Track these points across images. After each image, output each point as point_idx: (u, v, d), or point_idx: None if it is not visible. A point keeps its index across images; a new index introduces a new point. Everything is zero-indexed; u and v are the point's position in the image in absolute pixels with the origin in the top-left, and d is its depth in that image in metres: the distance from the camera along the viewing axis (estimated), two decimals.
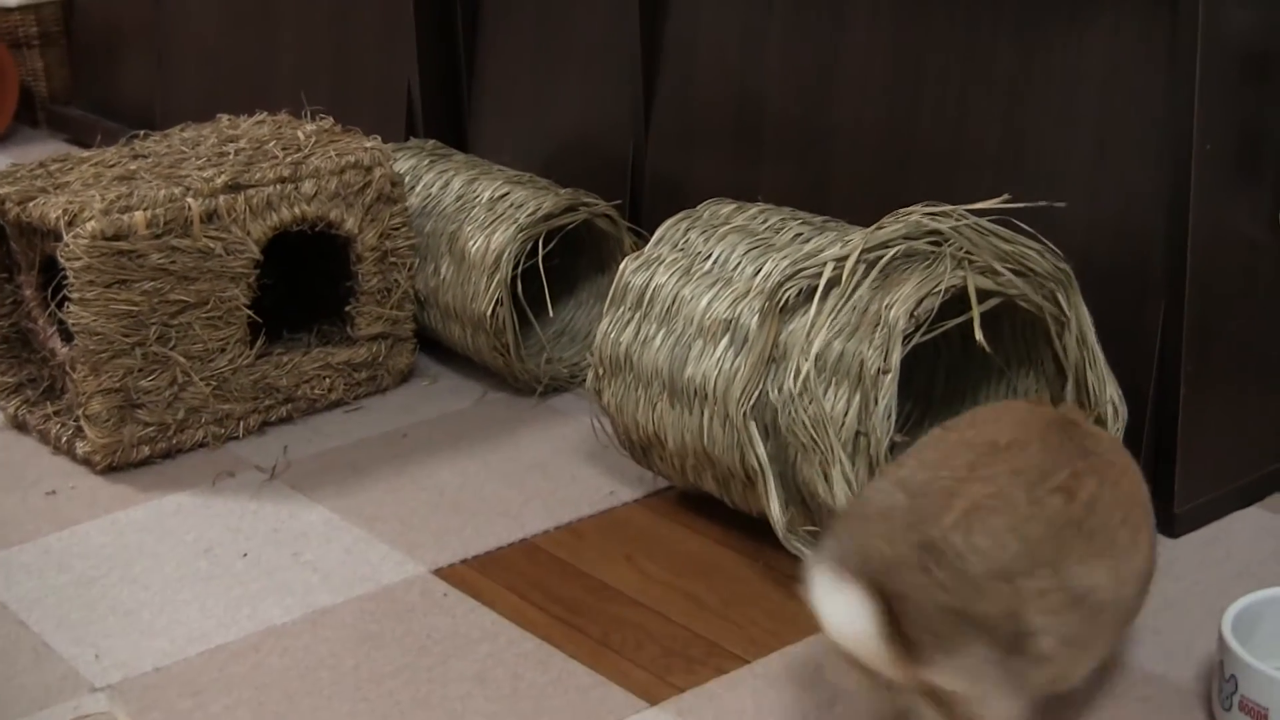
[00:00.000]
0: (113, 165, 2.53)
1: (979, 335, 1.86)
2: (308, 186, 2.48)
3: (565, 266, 2.70)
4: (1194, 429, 2.09)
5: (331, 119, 2.71)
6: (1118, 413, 2.00)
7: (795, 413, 1.89)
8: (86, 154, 2.61)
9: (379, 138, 2.62)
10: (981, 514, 1.54)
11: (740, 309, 2.03)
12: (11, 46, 4.28)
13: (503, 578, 2.07)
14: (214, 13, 3.68)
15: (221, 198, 2.40)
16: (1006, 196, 1.99)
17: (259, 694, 1.84)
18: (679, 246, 2.17)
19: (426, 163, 2.80)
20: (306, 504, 2.29)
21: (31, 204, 2.37)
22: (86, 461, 2.40)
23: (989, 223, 1.96)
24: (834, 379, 1.89)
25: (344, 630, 1.97)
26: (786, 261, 2.01)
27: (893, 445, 1.87)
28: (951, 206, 1.97)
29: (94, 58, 4.21)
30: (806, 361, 1.89)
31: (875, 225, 1.96)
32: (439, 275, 2.62)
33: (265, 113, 2.79)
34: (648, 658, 1.89)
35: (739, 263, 2.09)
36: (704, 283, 2.09)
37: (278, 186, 2.45)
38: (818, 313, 1.92)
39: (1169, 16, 2.00)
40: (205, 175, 2.42)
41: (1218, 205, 2.05)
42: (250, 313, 2.46)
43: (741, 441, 1.96)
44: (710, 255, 2.13)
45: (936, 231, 1.93)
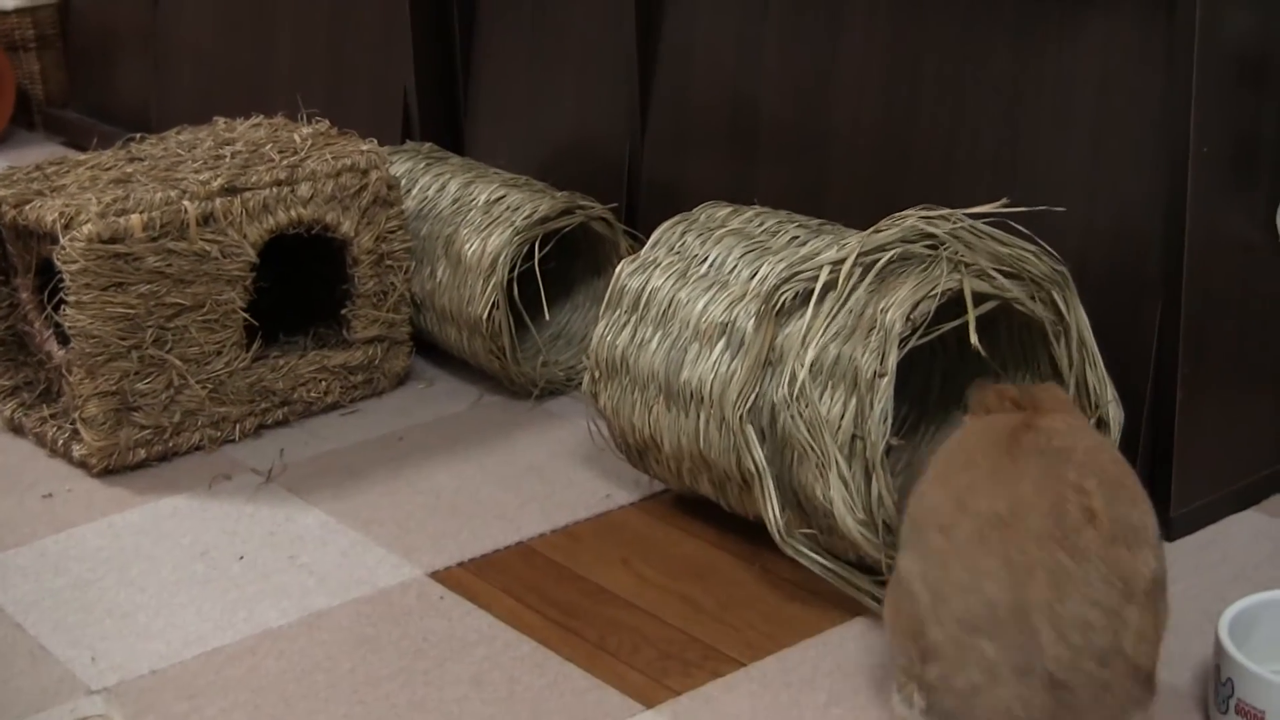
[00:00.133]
0: (109, 168, 2.52)
1: (974, 338, 1.86)
2: (304, 189, 2.47)
3: (561, 269, 2.70)
4: (1191, 432, 2.09)
5: (328, 122, 2.71)
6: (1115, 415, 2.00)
7: (791, 416, 1.88)
8: (83, 157, 2.60)
9: (375, 141, 2.62)
10: (1064, 620, 1.51)
11: (736, 312, 2.03)
12: (8, 49, 4.27)
13: (499, 581, 2.07)
14: (210, 16, 3.68)
15: (218, 200, 2.40)
16: (1004, 200, 1.99)
17: (255, 696, 1.84)
18: (675, 249, 2.17)
19: (423, 165, 2.80)
20: (303, 507, 2.29)
21: (28, 207, 2.37)
22: (83, 464, 2.40)
23: (986, 226, 1.96)
24: (830, 382, 1.89)
25: (340, 633, 1.96)
26: (783, 265, 2.01)
27: (889, 448, 1.87)
28: (948, 210, 1.97)
29: (90, 61, 4.21)
30: (802, 365, 1.89)
31: (872, 228, 1.96)
32: (435, 278, 2.62)
33: (261, 116, 2.79)
34: (644, 661, 1.88)
35: (735, 266, 2.09)
36: (700, 286, 2.09)
37: (274, 189, 2.45)
38: (814, 316, 1.92)
39: (1166, 19, 2.00)
40: (201, 178, 2.42)
41: (1214, 208, 2.05)
42: (246, 316, 2.46)
43: (738, 445, 1.95)
44: (706, 258, 2.13)
45: (933, 235, 1.93)
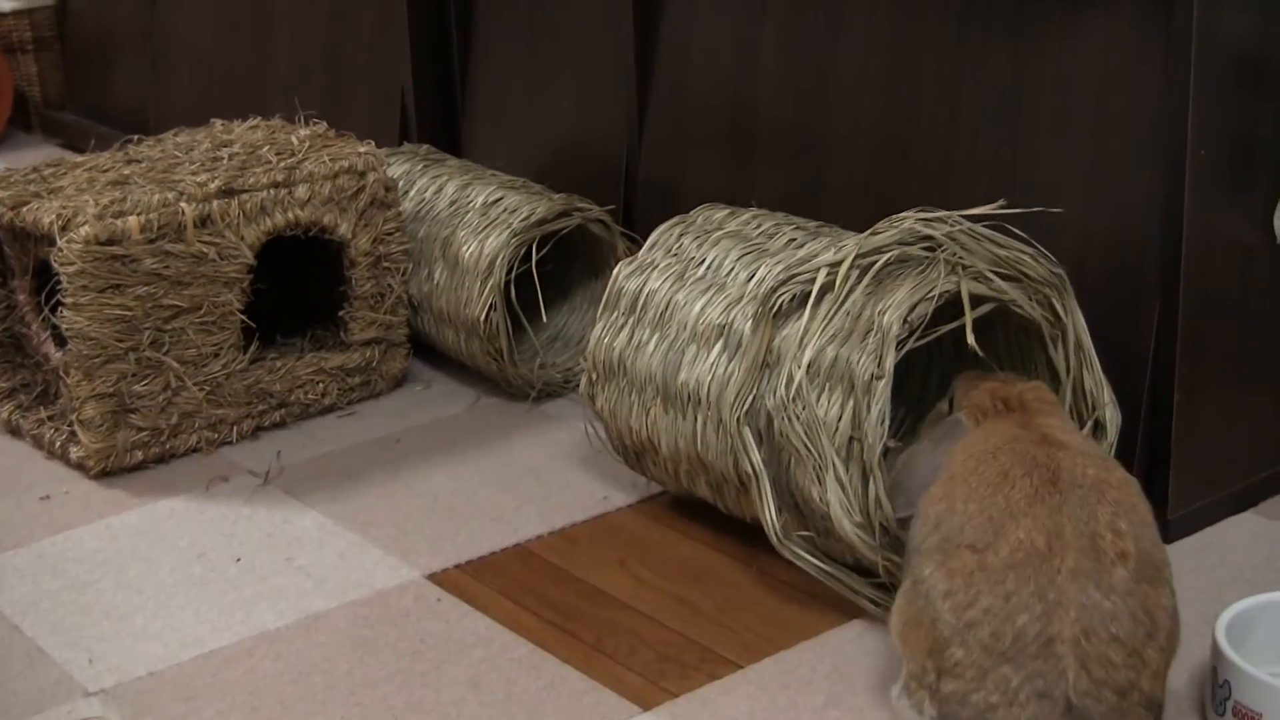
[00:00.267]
0: (106, 170, 2.52)
1: (972, 340, 1.86)
2: (301, 191, 2.47)
3: (559, 272, 2.70)
4: (1188, 434, 2.09)
5: (325, 124, 2.71)
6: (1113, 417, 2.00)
7: (789, 418, 1.88)
8: (80, 159, 2.60)
9: (373, 142, 2.62)
10: (1090, 657, 1.52)
11: (734, 314, 2.03)
12: (5, 51, 4.27)
13: (496, 583, 2.07)
14: (208, 17, 3.67)
15: (215, 202, 2.40)
16: (1002, 202, 1.99)
17: (252, 699, 1.84)
18: (672, 252, 2.17)
19: (420, 167, 2.80)
20: (300, 509, 2.28)
21: (25, 209, 2.36)
22: (80, 466, 2.40)
23: (983, 228, 1.96)
24: (827, 384, 1.89)
25: (338, 635, 1.96)
26: (780, 267, 2.01)
27: (886, 450, 1.87)
28: (946, 212, 1.97)
29: (88, 63, 4.20)
30: (799, 367, 1.89)
31: (869, 231, 1.96)
32: (433, 280, 2.62)
33: (259, 117, 2.79)
34: (641, 663, 1.88)
35: (732, 268, 2.09)
36: (697, 288, 2.09)
37: (271, 191, 2.45)
38: (811, 318, 1.92)
39: (1164, 21, 2.00)
40: (199, 180, 2.42)
41: (1212, 210, 2.05)
42: (244, 318, 2.46)
43: (735, 447, 1.95)
44: (704, 260, 2.13)
45: (930, 237, 1.93)
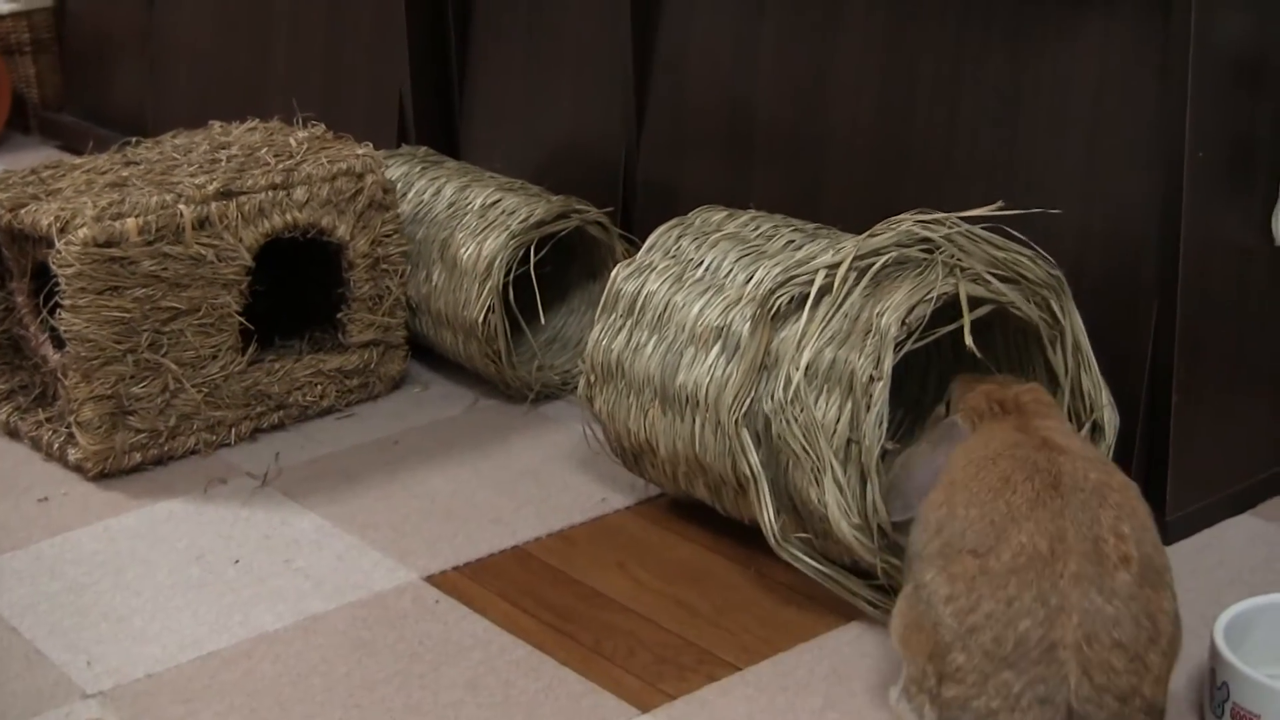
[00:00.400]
0: (105, 172, 2.52)
1: (969, 342, 1.86)
2: (299, 193, 2.47)
3: (557, 273, 2.70)
4: (1186, 436, 2.09)
5: (323, 126, 2.71)
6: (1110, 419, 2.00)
7: (787, 420, 1.88)
8: (78, 161, 2.60)
9: (371, 144, 2.62)
10: (1093, 663, 1.53)
11: (732, 316, 2.03)
12: (3, 53, 4.27)
13: (494, 585, 2.07)
14: (206, 19, 3.67)
15: (213, 204, 2.40)
16: (999, 204, 1.99)
17: (251, 701, 1.84)
18: (671, 253, 2.17)
19: (418, 169, 2.80)
20: (298, 511, 2.28)
21: (23, 211, 2.36)
22: (78, 468, 2.40)
23: (981, 230, 1.96)
24: (825, 386, 1.89)
25: (336, 637, 1.96)
26: (778, 269, 2.01)
27: (884, 452, 1.87)
28: (944, 214, 1.97)
29: (86, 64, 4.20)
30: (797, 369, 1.89)
31: (867, 232, 1.96)
32: (431, 282, 2.62)
33: (257, 119, 2.79)
34: (639, 665, 1.88)
35: (731, 270, 2.09)
36: (695, 290, 2.09)
37: (269, 193, 2.45)
38: (809, 320, 1.92)
39: (1161, 23, 2.00)
40: (197, 182, 2.42)
41: (1210, 212, 2.05)
42: (242, 319, 2.46)
43: (733, 449, 1.95)
44: (702, 262, 2.13)
45: (928, 239, 1.93)
